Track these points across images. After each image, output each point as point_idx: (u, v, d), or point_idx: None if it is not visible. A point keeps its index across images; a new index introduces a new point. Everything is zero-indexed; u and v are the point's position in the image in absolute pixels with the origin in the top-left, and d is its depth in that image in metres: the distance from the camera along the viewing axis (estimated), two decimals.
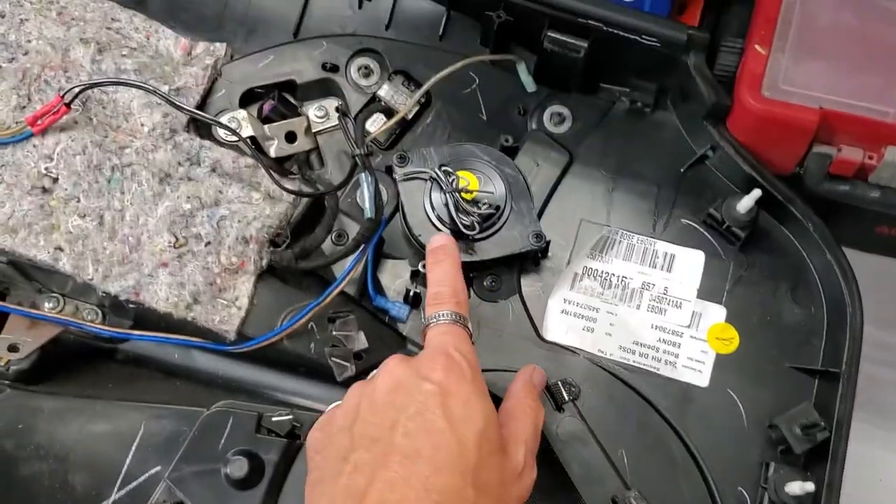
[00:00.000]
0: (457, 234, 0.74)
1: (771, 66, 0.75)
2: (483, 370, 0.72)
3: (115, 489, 0.68)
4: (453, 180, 0.73)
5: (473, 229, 0.73)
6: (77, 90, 0.72)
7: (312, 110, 0.81)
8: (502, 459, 0.57)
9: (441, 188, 0.74)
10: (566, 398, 0.73)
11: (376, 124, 0.81)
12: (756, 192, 0.73)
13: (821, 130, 0.73)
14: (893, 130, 0.72)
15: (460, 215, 0.73)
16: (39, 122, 0.72)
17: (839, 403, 0.71)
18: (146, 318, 0.73)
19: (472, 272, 0.76)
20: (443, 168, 0.74)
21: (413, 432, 0.54)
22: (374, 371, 0.61)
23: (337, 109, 0.81)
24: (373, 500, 0.52)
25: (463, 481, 0.53)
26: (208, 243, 0.72)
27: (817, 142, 0.75)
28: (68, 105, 0.73)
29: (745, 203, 0.74)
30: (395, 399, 0.56)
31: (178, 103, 0.73)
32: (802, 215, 0.76)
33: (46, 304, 0.74)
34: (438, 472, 0.52)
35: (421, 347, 0.72)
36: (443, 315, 0.63)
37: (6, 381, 0.71)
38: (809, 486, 0.68)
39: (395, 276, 0.77)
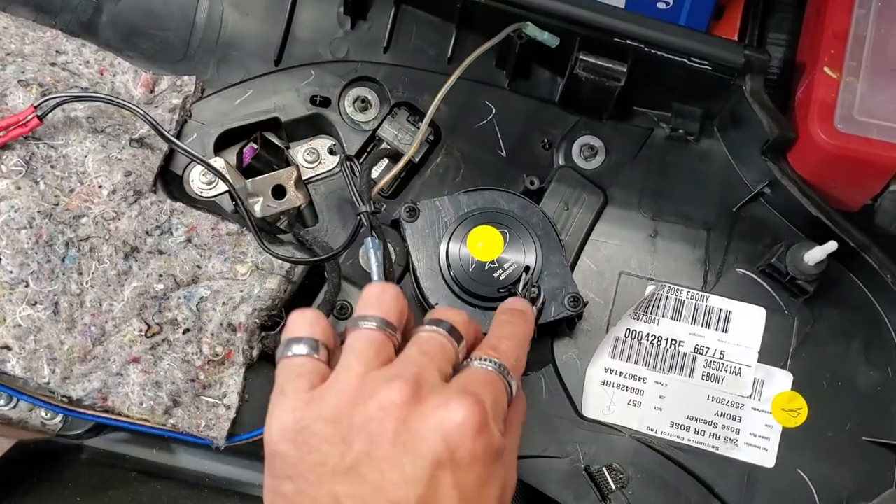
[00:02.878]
0: (481, 299, 0.63)
1: (843, 92, 0.64)
2: None
3: None
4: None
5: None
6: (54, 101, 0.61)
7: (301, 153, 0.69)
8: None
9: (459, 240, 0.64)
10: (612, 486, 0.64)
11: (380, 170, 0.69)
12: (831, 245, 0.63)
13: None
14: None
15: None
16: (2, 134, 0.61)
17: None
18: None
19: None
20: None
21: None
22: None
23: (331, 151, 0.70)
24: None
25: None
26: (187, 330, 0.60)
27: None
28: (41, 118, 0.61)
29: (816, 255, 0.64)
30: (403, 460, 0.45)
31: (167, 133, 0.62)
32: (879, 265, 0.65)
33: None
34: None
35: None
36: (492, 363, 0.51)
37: None
38: None
39: None
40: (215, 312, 0.60)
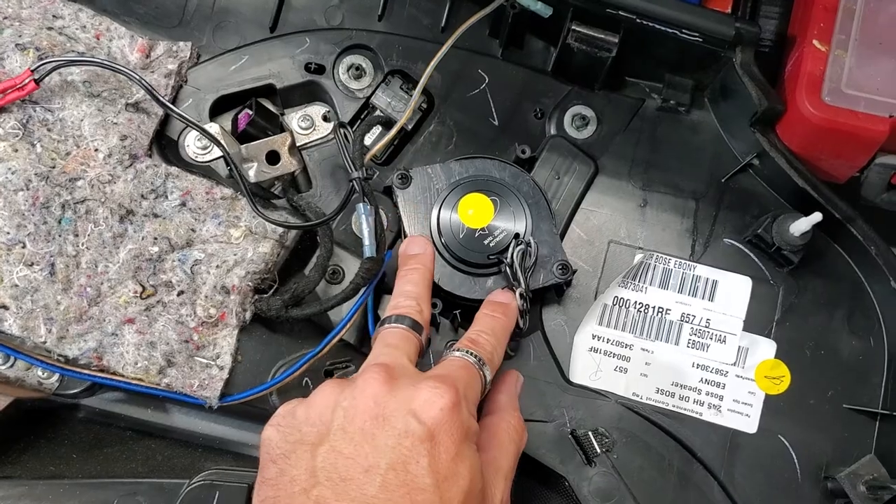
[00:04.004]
0: (471, 265, 0.64)
1: (832, 65, 0.64)
2: None
3: None
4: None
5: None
6: (51, 65, 0.62)
7: (296, 120, 0.69)
8: None
9: (450, 207, 0.65)
10: (598, 450, 0.65)
11: (373, 137, 0.70)
12: (816, 216, 0.64)
13: (889, 140, 0.64)
14: None
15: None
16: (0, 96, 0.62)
17: None
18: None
19: None
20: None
21: (392, 486, 0.46)
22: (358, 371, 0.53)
23: (325, 118, 0.70)
24: None
25: None
26: (181, 292, 0.61)
27: (882, 151, 0.65)
28: (38, 82, 0.61)
29: (801, 226, 0.65)
30: (375, 432, 0.47)
31: (161, 97, 0.63)
32: (864, 237, 0.66)
33: None
34: None
35: None
36: (469, 354, 0.55)
37: None
38: None
39: None
40: (209, 275, 0.61)
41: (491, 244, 0.64)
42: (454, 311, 0.66)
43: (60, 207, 0.61)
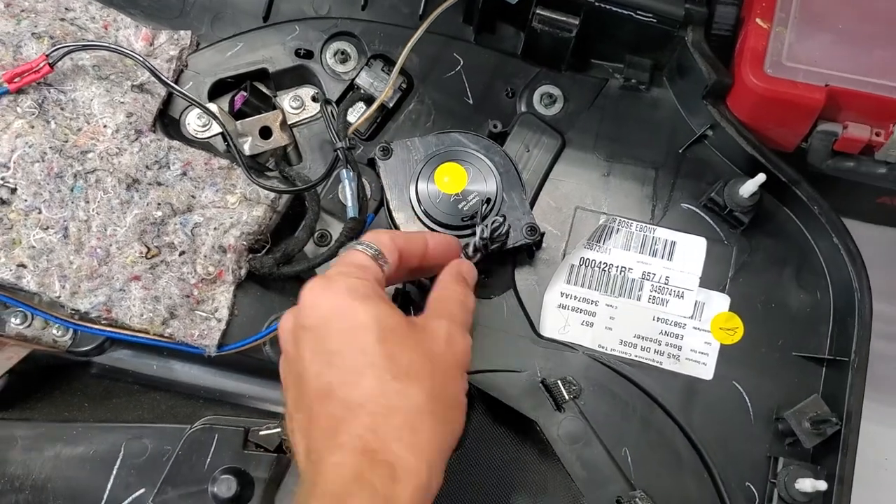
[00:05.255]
0: (448, 227, 0.70)
1: (773, 41, 0.70)
2: (478, 371, 0.70)
3: None
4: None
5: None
6: (63, 51, 0.68)
7: (287, 101, 0.76)
8: (418, 338, 0.55)
9: (427, 176, 0.71)
10: (566, 397, 0.70)
11: (358, 114, 0.76)
12: (760, 177, 0.69)
13: (827, 108, 0.69)
14: None
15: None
16: (17, 79, 0.68)
17: (848, 394, 0.69)
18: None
19: None
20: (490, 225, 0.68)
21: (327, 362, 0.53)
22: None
23: (314, 98, 0.77)
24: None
25: (380, 382, 0.52)
26: (183, 252, 0.67)
27: (822, 119, 0.71)
28: (52, 66, 0.68)
29: (749, 188, 0.71)
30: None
31: (163, 76, 0.69)
32: (808, 198, 0.72)
33: (13, 321, 0.70)
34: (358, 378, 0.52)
35: None
36: (364, 245, 0.59)
37: None
38: (822, 485, 0.66)
39: None
40: (208, 236, 0.67)
41: (465, 208, 0.70)
42: None
43: (73, 177, 0.67)
